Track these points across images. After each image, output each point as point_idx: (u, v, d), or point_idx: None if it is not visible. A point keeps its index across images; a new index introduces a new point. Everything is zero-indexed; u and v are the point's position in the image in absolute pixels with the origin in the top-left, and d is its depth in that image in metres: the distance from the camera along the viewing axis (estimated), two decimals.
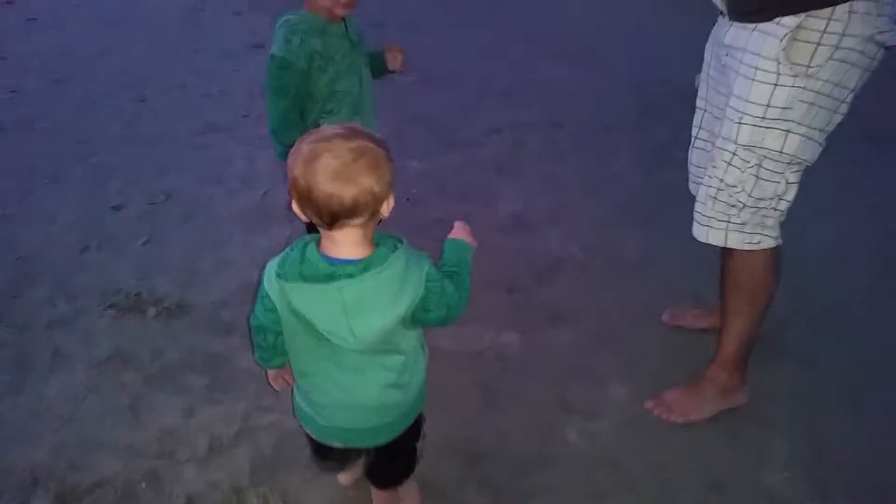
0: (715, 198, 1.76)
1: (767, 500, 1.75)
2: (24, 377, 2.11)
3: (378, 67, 2.12)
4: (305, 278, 1.21)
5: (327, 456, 1.53)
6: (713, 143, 1.82)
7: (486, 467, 1.83)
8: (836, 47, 1.52)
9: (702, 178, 1.86)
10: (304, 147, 1.18)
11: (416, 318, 1.28)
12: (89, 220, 2.88)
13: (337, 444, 1.42)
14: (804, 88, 1.57)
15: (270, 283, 1.26)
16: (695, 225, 1.85)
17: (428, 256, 1.31)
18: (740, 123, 1.65)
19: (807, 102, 1.58)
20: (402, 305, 1.24)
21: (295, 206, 1.23)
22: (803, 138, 1.63)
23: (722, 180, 1.73)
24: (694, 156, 2.01)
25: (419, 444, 1.54)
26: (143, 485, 1.77)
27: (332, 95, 1.97)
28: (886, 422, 1.95)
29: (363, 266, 1.21)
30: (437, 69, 4.36)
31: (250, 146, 3.41)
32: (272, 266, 1.26)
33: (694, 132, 1.99)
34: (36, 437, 1.91)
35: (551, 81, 4.30)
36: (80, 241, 2.75)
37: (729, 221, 1.77)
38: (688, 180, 2.07)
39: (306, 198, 1.18)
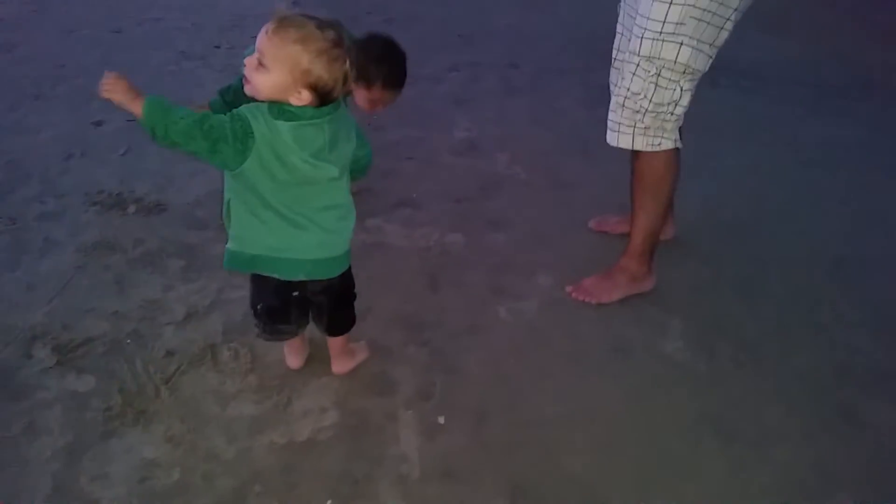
0: (623, 105, 2.05)
1: (661, 361, 2.08)
2: (18, 258, 2.36)
3: None
4: (297, 116, 1.48)
5: (281, 313, 1.79)
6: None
7: (426, 333, 2.14)
8: None
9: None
10: None
11: (356, 155, 1.65)
12: (72, 133, 3.10)
13: (302, 277, 1.70)
14: (694, 6, 1.86)
15: (267, 121, 1.47)
16: (608, 133, 2.15)
17: None
18: (642, 38, 1.94)
19: (696, 18, 1.88)
20: (351, 140, 1.61)
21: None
22: (694, 50, 1.92)
23: (628, 89, 2.02)
24: (612, 75, 2.26)
25: (354, 297, 1.88)
26: (129, 341, 2.05)
27: None
28: (773, 308, 2.30)
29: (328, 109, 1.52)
30: (402, 12, 4.59)
31: (220, 73, 3.63)
32: (256, 106, 1.49)
33: (613, 53, 2.26)
34: (32, 304, 2.17)
35: (510, 27, 4.56)
36: (64, 150, 2.98)
37: (634, 126, 2.06)
38: None
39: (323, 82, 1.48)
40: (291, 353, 1.98)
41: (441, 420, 1.86)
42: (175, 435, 1.77)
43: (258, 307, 1.80)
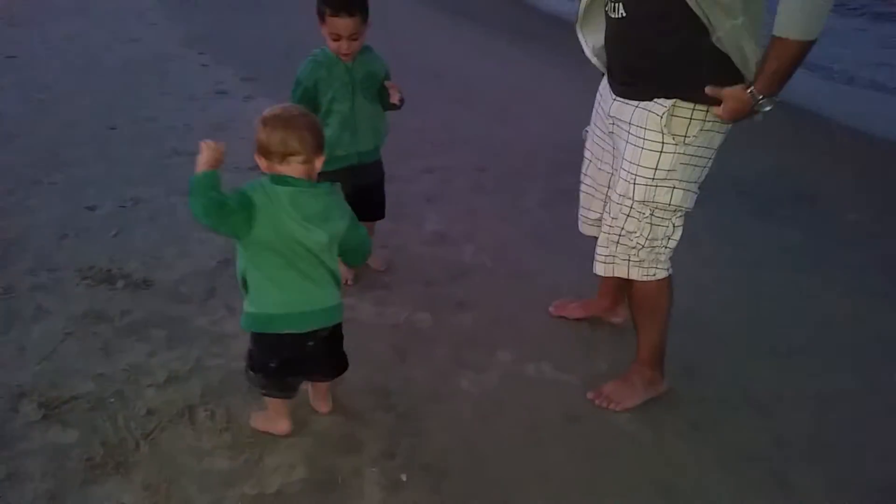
0: (617, 242, 2.19)
1: (611, 430, 2.25)
2: (10, 323, 2.50)
3: (385, 101, 2.81)
4: (293, 185, 1.83)
5: (291, 365, 1.99)
6: (596, 189, 2.36)
7: (393, 399, 2.30)
8: (704, 121, 1.98)
9: (588, 217, 2.43)
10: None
11: (348, 235, 1.94)
12: (67, 216, 3.30)
13: (313, 327, 1.95)
14: (684, 153, 2.01)
15: (266, 188, 1.82)
16: (597, 264, 2.29)
17: None
18: (635, 184, 2.07)
19: (685, 164, 2.03)
20: (345, 220, 1.91)
21: (256, 158, 1.84)
22: (684, 192, 2.07)
23: (622, 228, 2.15)
24: (582, 198, 2.47)
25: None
26: (112, 400, 2.18)
27: (329, 111, 2.71)
28: (715, 387, 2.49)
29: (326, 185, 1.89)
30: None
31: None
32: (262, 180, 1.84)
33: (582, 178, 2.47)
34: (22, 365, 2.31)
35: (480, 136, 4.94)
36: (58, 230, 3.17)
37: (629, 260, 2.19)
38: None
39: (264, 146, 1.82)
40: (281, 417, 2.10)
41: (404, 477, 1.99)
42: (152, 484, 1.89)
43: (271, 365, 1.98)
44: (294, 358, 1.98)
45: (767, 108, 1.90)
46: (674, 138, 1.99)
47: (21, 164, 3.87)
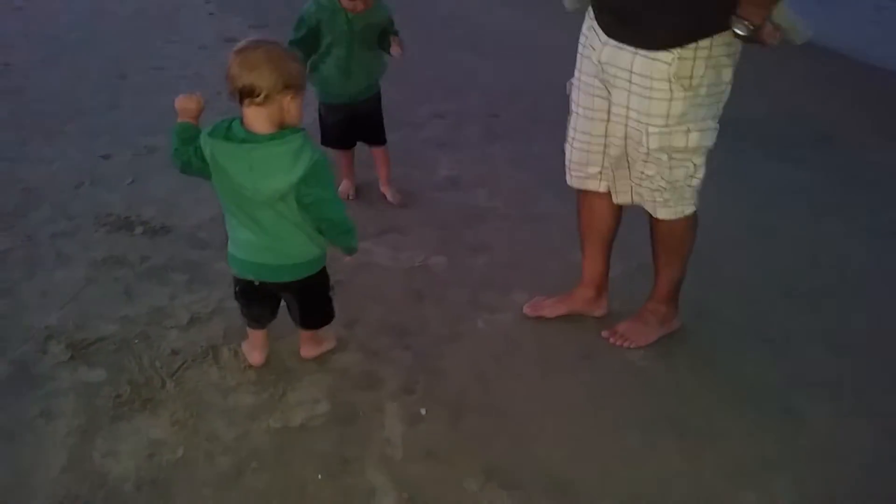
0: (640, 185, 2.12)
1: (624, 367, 2.29)
2: (33, 270, 2.56)
3: (385, 46, 2.94)
4: (227, 139, 1.78)
5: (250, 299, 2.05)
6: (592, 143, 2.17)
7: (410, 339, 2.34)
8: (709, 57, 1.88)
9: (588, 171, 2.24)
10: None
11: (299, 192, 1.81)
12: (82, 165, 3.33)
13: (251, 277, 1.97)
14: (695, 96, 1.91)
15: (204, 139, 1.81)
16: (619, 195, 2.22)
17: (324, 156, 1.87)
18: (647, 133, 1.98)
19: (698, 105, 1.94)
20: (293, 175, 1.78)
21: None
22: (701, 132, 1.98)
23: (642, 172, 2.08)
24: (574, 155, 2.27)
25: (330, 295, 2.14)
26: (137, 341, 2.24)
27: (328, 52, 2.87)
28: (726, 327, 2.52)
29: (268, 137, 1.78)
30: (390, 69, 4.91)
31: (223, 115, 3.87)
32: (206, 129, 1.82)
33: (570, 133, 2.26)
34: (47, 308, 2.36)
35: (492, 83, 4.89)
36: (74, 179, 3.20)
37: (655, 201, 2.13)
38: None
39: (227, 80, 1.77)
40: (253, 349, 2.17)
41: (423, 411, 2.04)
42: (179, 419, 1.95)
43: (236, 290, 2.08)
44: (244, 292, 2.05)
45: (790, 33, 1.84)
46: (681, 83, 1.90)
47: (33, 114, 3.88)
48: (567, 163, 2.33)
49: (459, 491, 1.79)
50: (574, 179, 2.34)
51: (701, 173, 2.10)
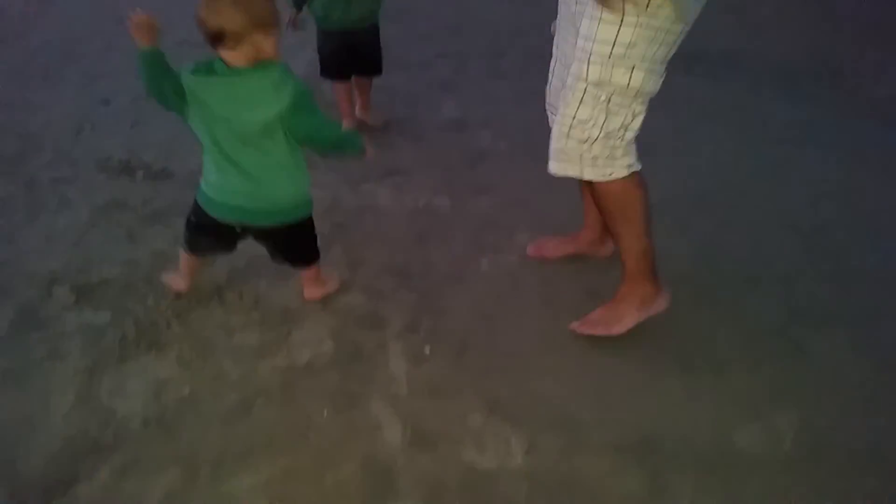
0: (568, 135, 1.88)
1: None
2: (36, 215, 2.55)
3: None
4: (209, 73, 1.75)
5: (208, 235, 2.03)
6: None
7: (414, 280, 2.34)
8: None
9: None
10: None
11: (290, 124, 1.80)
12: (82, 110, 3.30)
13: (233, 221, 1.95)
14: (647, 27, 1.70)
15: (185, 77, 1.76)
16: (551, 162, 1.99)
17: (306, 85, 1.83)
18: (589, 62, 1.77)
19: (649, 39, 1.72)
20: (279, 105, 1.76)
21: None
22: (646, 72, 1.76)
23: (574, 117, 1.84)
24: (551, 98, 2.17)
25: (315, 239, 2.12)
26: (141, 284, 2.24)
27: None
28: (734, 264, 2.50)
29: (250, 70, 1.75)
30: (392, 6, 4.79)
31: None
32: (187, 67, 1.77)
33: (550, 75, 2.18)
34: (51, 252, 2.37)
35: (496, 21, 4.78)
36: (74, 124, 3.17)
37: (581, 156, 1.89)
38: None
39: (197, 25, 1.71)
40: (182, 275, 2.18)
41: (427, 350, 2.05)
42: (186, 359, 1.96)
43: (194, 220, 2.05)
44: (214, 236, 2.03)
45: None
46: (636, 6, 1.68)
47: (30, 60, 3.83)
48: (547, 106, 2.24)
49: (463, 425, 1.81)
50: (551, 117, 2.25)
51: (637, 124, 1.87)
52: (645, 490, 1.67)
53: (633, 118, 1.85)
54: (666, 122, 2.41)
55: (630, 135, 1.88)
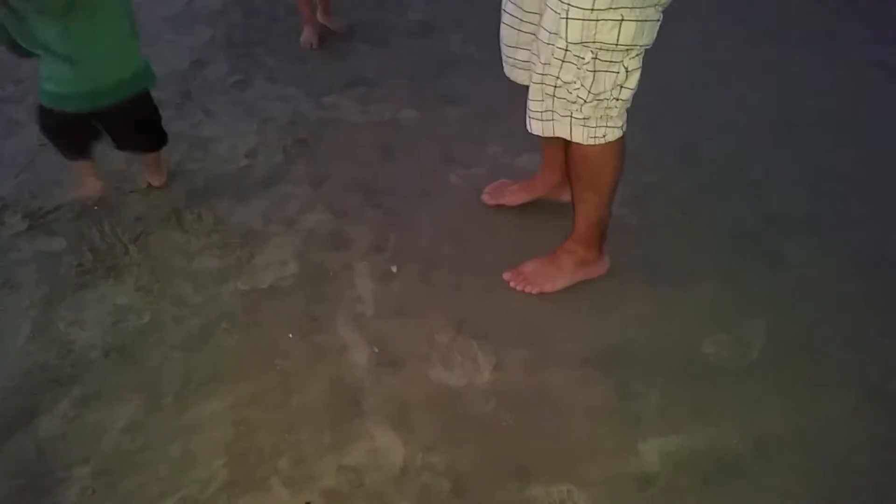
0: (553, 95, 1.64)
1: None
2: None
3: None
4: None
5: (71, 131, 2.05)
6: (523, 20, 1.75)
7: (380, 197, 2.27)
8: None
9: (516, 58, 1.85)
10: None
11: None
12: None
13: (84, 108, 1.94)
14: None
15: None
16: (531, 122, 1.75)
17: None
18: (567, 19, 1.49)
19: None
20: None
21: None
22: (638, 23, 1.49)
23: (558, 77, 1.59)
24: (504, 32, 1.86)
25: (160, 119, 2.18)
26: (96, 208, 2.16)
27: None
28: (708, 168, 2.44)
29: None
30: None
31: None
32: None
33: (503, 4, 1.83)
34: (0, 178, 2.26)
35: None
36: None
37: (572, 116, 1.66)
38: None
39: None
40: (88, 178, 2.18)
41: (394, 269, 2.01)
42: (145, 285, 1.91)
43: (50, 126, 2.06)
44: (77, 130, 2.04)
45: None
46: None
47: None
48: (501, 41, 1.92)
49: (430, 343, 1.79)
50: (505, 65, 1.95)
51: (633, 82, 1.61)
52: (612, 401, 1.68)
53: (626, 75, 1.58)
54: None
55: (626, 93, 1.62)
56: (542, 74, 1.62)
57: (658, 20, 1.55)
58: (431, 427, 1.60)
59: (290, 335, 1.80)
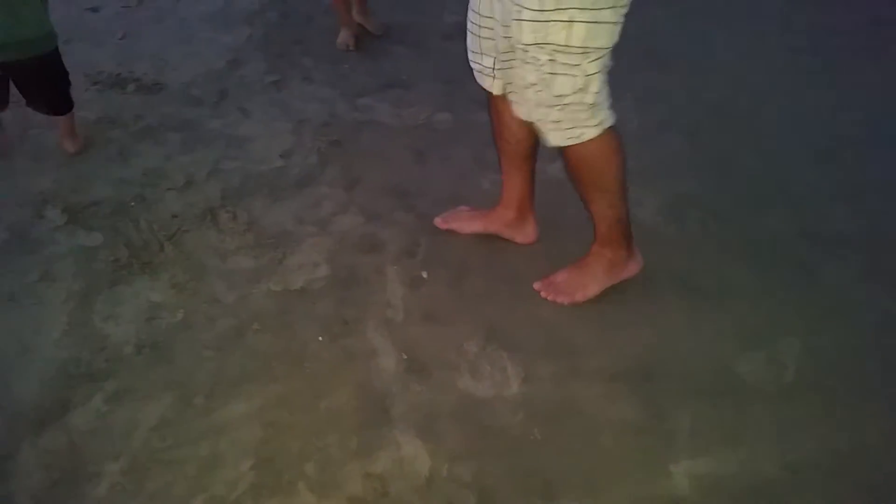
0: (524, 97, 1.65)
1: (636, 224, 2.20)
2: (24, 133, 2.48)
3: None
4: None
5: None
6: (479, 24, 1.73)
7: (413, 200, 2.27)
8: None
9: (483, 64, 1.82)
10: None
11: None
12: (69, 20, 3.14)
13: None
14: None
15: None
16: (515, 106, 1.74)
17: None
18: (520, 20, 1.50)
19: None
20: None
21: None
22: (590, 24, 1.45)
23: (524, 77, 1.60)
24: (468, 39, 1.85)
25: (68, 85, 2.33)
26: (133, 204, 2.20)
27: None
28: (746, 181, 2.40)
29: None
30: None
31: None
32: None
33: (469, 14, 1.79)
34: (40, 172, 2.31)
35: None
36: (62, 35, 2.97)
37: (545, 120, 1.66)
38: None
39: None
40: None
41: (424, 274, 2.01)
42: (179, 282, 1.93)
43: None
44: None
45: None
46: None
47: None
48: (469, 52, 1.87)
49: (459, 352, 1.79)
50: (475, 73, 1.90)
51: (595, 87, 1.56)
52: (642, 418, 1.65)
53: (585, 80, 1.54)
54: (680, 25, 2.25)
55: (591, 98, 1.58)
56: (520, 78, 1.63)
57: (617, 23, 1.51)
58: (458, 437, 1.59)
59: (320, 338, 1.81)
